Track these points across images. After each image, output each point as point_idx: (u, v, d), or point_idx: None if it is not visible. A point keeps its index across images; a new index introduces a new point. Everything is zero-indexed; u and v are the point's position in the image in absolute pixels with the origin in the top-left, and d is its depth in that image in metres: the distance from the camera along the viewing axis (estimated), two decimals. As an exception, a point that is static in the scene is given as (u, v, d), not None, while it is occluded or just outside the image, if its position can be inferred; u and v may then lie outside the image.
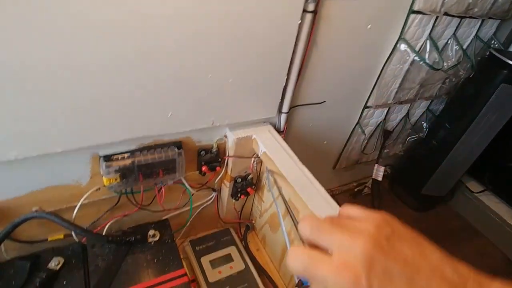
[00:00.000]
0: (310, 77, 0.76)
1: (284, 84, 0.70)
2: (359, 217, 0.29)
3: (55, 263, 0.59)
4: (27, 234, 0.65)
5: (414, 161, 1.25)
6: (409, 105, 1.05)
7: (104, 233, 0.70)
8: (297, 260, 0.27)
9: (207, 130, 0.70)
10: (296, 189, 0.61)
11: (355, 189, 1.27)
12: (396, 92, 0.93)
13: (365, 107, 0.94)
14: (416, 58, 0.82)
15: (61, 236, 0.69)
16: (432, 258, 0.25)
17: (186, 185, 0.74)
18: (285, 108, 0.75)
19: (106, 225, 0.71)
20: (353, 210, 0.31)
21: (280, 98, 0.73)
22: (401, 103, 1.00)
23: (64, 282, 0.58)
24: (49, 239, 0.69)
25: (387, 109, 1.00)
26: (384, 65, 0.84)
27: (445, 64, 0.88)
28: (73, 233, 0.65)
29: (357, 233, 0.26)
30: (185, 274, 0.62)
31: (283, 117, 0.77)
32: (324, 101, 0.84)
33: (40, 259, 0.61)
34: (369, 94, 0.91)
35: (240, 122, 0.72)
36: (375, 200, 1.20)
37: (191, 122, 0.65)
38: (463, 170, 1.19)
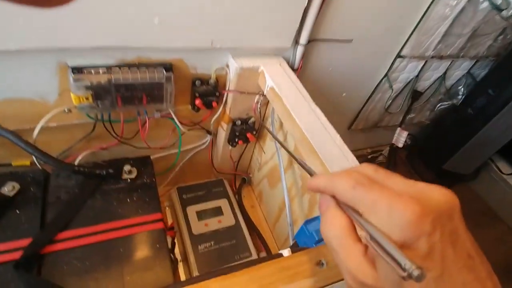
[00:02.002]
0: (338, 4, 0.61)
1: (305, 4, 0.55)
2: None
3: (9, 188, 0.50)
4: (-14, 154, 0.56)
5: (441, 132, 1.10)
6: (449, 63, 0.89)
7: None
8: (350, 179, 0.24)
9: (204, 54, 0.57)
10: (305, 133, 0.49)
11: (369, 156, 1.15)
12: (439, 42, 0.77)
13: (398, 56, 0.79)
14: (478, -7, 0.65)
15: (27, 163, 0.60)
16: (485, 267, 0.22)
17: (176, 120, 0.63)
18: (303, 39, 0.61)
19: (79, 156, 0.61)
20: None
21: (299, 23, 0.58)
22: (440, 57, 0.84)
23: (17, 211, 0.49)
24: (13, 163, 0.60)
25: (423, 63, 0.84)
26: (433, 1, 0.68)
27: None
28: (34, 158, 0.55)
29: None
30: (161, 220, 0.53)
31: (300, 50, 0.63)
32: (351, 40, 0.69)
33: (-8, 182, 0.51)
34: (405, 39, 0.75)
35: (247, 48, 0.58)
36: (390, 169, 1.08)
37: (184, 37, 0.51)
38: (497, 147, 1.04)
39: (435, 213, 0.20)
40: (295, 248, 0.37)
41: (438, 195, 0.22)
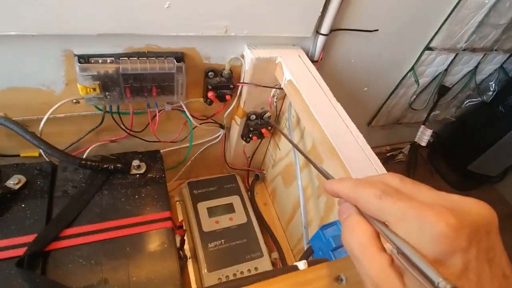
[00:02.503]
0: (365, -10, 0.56)
1: (329, -11, 0.51)
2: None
3: (14, 182, 0.48)
4: (-6, 145, 0.54)
5: (468, 130, 1.04)
6: (481, 56, 0.83)
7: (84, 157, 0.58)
8: (375, 188, 0.22)
9: (218, 42, 0.53)
10: (325, 131, 0.45)
11: (388, 154, 1.09)
12: (473, 33, 0.70)
13: (427, 48, 0.73)
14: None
15: (36, 154, 0.59)
16: None
17: (187, 113, 0.60)
18: (324, 29, 0.57)
19: (88, 148, 0.60)
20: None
21: (321, 11, 0.54)
22: (473, 50, 0.77)
23: (23, 205, 0.47)
24: (22, 155, 0.58)
25: (453, 56, 0.78)
26: (469, -13, 0.62)
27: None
28: (41, 150, 0.53)
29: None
30: (170, 218, 0.50)
31: (320, 41, 0.58)
32: (377, 30, 0.64)
33: (-1, 174, 0.50)
34: (436, 30, 0.70)
35: (263, 37, 0.54)
36: (411, 169, 1.03)
37: (196, 24, 0.48)
38: (529, 148, 0.97)
39: (472, 227, 0.19)
40: (311, 261, 0.33)
41: (475, 207, 0.20)
